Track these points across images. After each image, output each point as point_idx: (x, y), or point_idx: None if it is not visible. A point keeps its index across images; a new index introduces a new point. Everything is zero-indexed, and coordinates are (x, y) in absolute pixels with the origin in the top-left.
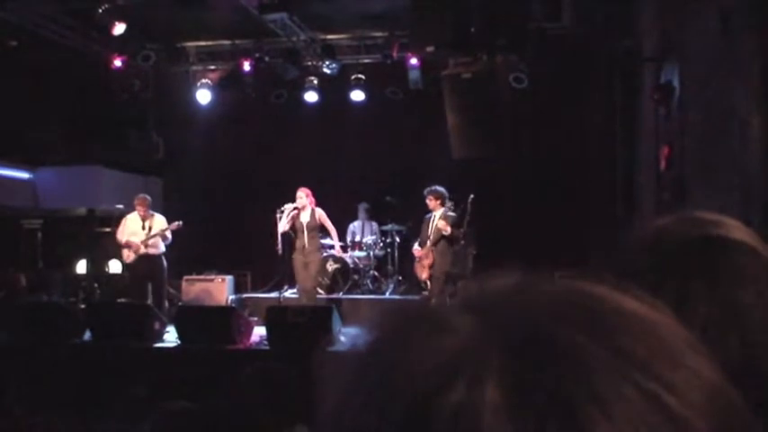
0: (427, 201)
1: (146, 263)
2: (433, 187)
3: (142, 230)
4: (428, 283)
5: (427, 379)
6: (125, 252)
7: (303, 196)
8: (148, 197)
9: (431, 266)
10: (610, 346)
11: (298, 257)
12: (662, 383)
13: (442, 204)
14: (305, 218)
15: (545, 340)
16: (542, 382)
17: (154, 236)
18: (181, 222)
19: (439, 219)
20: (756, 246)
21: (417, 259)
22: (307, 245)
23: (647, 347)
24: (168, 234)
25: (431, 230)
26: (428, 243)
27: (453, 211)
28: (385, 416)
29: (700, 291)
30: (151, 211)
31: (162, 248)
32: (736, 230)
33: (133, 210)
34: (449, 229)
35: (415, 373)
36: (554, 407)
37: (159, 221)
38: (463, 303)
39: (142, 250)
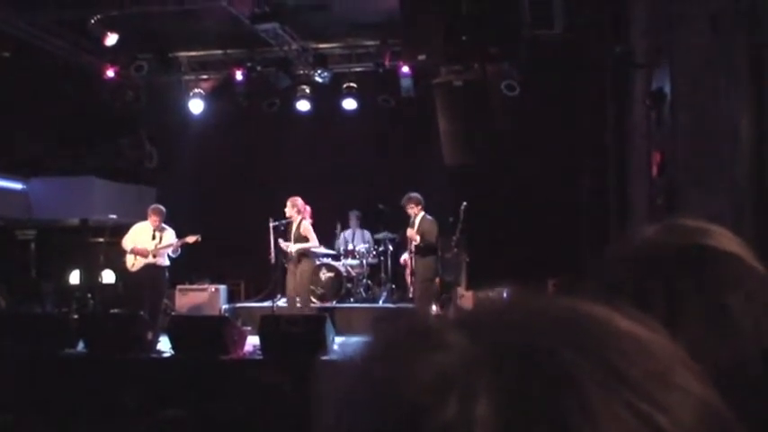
0: (408, 210)
1: (150, 272)
2: (408, 195)
3: (152, 240)
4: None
5: (419, 395)
6: (129, 260)
7: (290, 206)
8: (164, 209)
9: (412, 274)
10: (602, 365)
11: (290, 267)
12: (654, 403)
13: (423, 209)
14: (294, 229)
15: (537, 358)
16: (534, 399)
17: (165, 247)
18: (199, 237)
19: (417, 225)
20: (742, 254)
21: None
22: (295, 254)
23: (639, 367)
24: (179, 248)
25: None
26: (408, 251)
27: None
28: (377, 431)
29: (686, 299)
30: (163, 225)
31: (167, 262)
32: (723, 239)
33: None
34: (417, 239)
35: (408, 389)
36: (546, 425)
37: (169, 235)
38: (457, 320)
39: (150, 259)
